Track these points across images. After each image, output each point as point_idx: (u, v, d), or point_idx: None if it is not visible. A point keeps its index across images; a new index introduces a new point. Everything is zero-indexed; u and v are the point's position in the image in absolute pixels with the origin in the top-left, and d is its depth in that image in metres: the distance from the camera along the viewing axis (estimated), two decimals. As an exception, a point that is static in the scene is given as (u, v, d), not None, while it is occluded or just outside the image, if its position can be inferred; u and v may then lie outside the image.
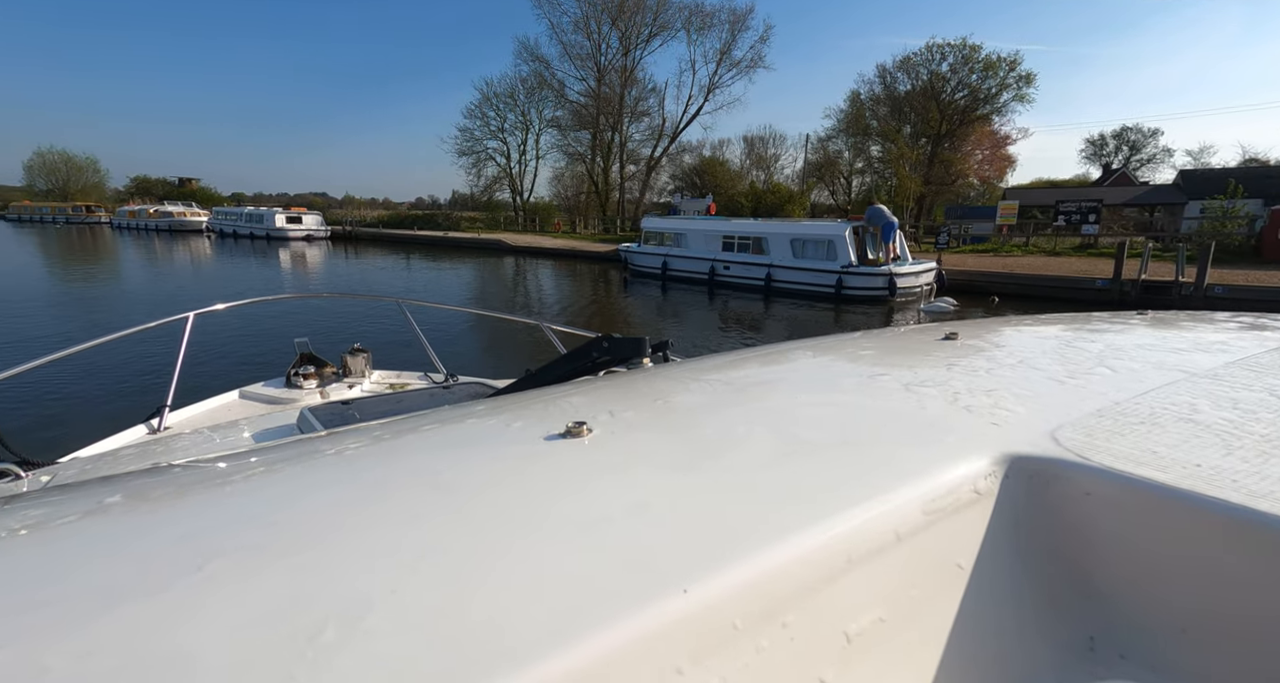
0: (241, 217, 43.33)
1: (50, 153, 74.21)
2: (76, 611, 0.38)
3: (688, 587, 0.39)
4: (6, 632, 0.36)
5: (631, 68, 43.80)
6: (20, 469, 1.47)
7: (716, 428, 0.71)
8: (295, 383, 2.65)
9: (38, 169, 73.62)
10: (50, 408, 6.08)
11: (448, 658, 0.34)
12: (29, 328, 11.09)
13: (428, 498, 0.54)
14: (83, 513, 0.54)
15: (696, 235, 19.67)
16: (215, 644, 0.34)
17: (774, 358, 1.11)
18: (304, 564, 0.43)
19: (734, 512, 0.49)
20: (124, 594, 0.39)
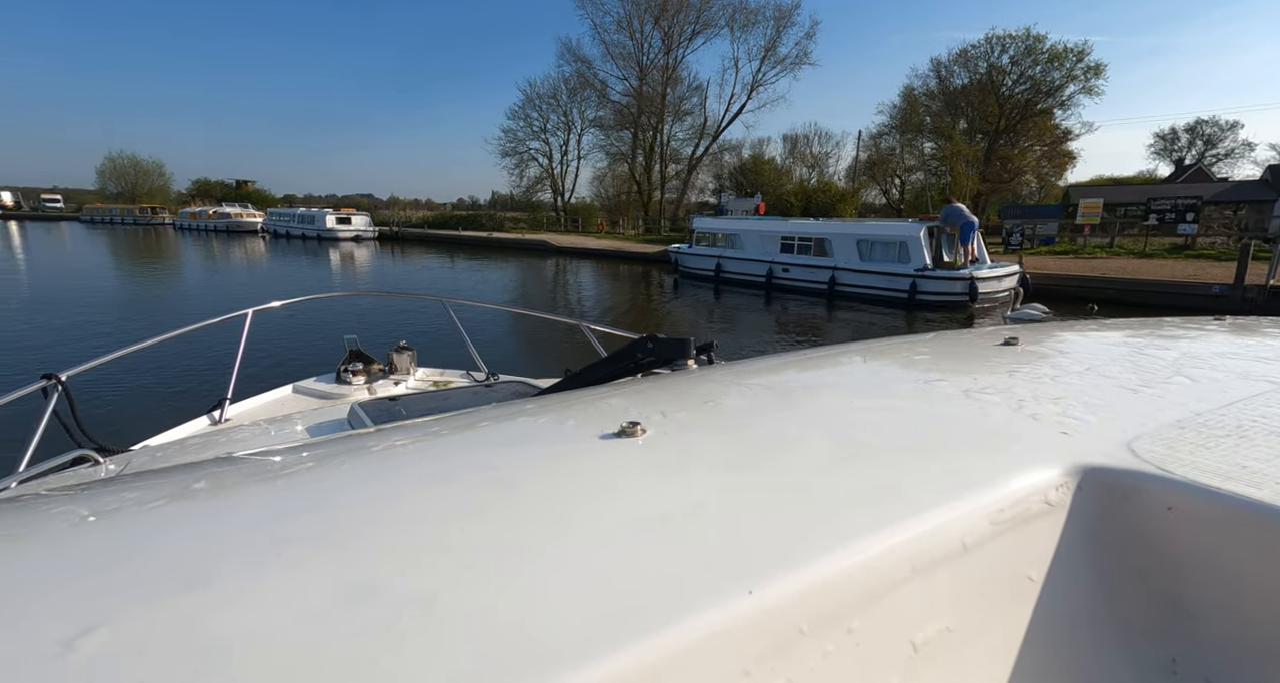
0: (294, 218, 44.11)
1: (120, 158, 77.69)
2: (169, 587, 0.40)
3: (752, 588, 0.39)
4: (111, 606, 0.38)
5: (673, 66, 43.03)
6: (99, 455, 1.56)
7: (769, 430, 0.70)
8: (345, 378, 2.69)
9: (109, 173, 77.10)
10: (123, 398, 6.18)
11: (518, 649, 0.34)
12: (105, 324, 11.61)
13: (489, 493, 0.55)
14: (169, 497, 0.59)
15: (752, 236, 18.64)
16: (299, 625, 0.36)
17: (822, 361, 1.08)
18: (376, 553, 0.44)
19: (794, 514, 0.49)
20: (214, 574, 0.42)
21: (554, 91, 46.51)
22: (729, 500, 0.51)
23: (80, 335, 10.37)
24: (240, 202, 64.74)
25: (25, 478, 1.46)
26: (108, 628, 0.35)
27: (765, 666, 0.37)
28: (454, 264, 27.57)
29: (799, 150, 47.61)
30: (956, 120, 36.14)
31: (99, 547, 0.47)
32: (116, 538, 0.49)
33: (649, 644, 0.34)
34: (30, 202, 76.81)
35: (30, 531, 0.52)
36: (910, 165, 39.60)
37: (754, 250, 18.44)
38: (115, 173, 76.45)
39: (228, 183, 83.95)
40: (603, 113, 45.67)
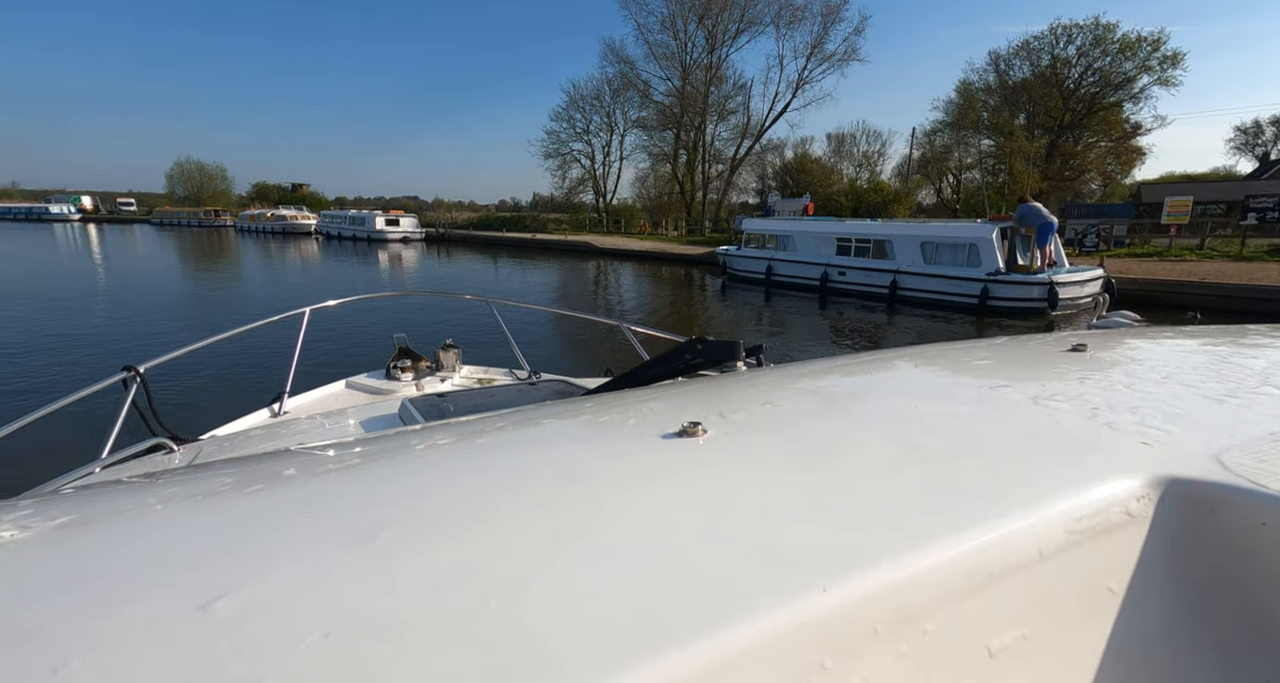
0: (346, 220, 45.26)
1: (187, 163, 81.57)
2: (282, 562, 0.44)
3: (827, 586, 0.39)
4: (236, 576, 0.42)
5: (717, 66, 42.25)
6: (173, 443, 1.67)
7: (830, 433, 0.70)
8: (394, 375, 2.74)
9: (176, 177, 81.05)
10: (191, 390, 6.38)
11: (603, 632, 0.35)
12: (173, 320, 12.36)
13: (562, 487, 0.57)
14: (263, 483, 0.63)
15: (806, 237, 17.85)
16: (404, 600, 0.39)
17: (877, 365, 1.07)
18: (464, 541, 0.46)
19: (864, 516, 0.49)
20: (316, 552, 0.45)
21: (597, 92, 46.48)
22: (796, 501, 0.52)
23: (156, 331, 10.94)
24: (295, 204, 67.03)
25: (108, 464, 1.52)
26: (237, 594, 0.39)
27: (842, 664, 0.37)
28: (497, 265, 27.63)
29: (845, 149, 46.12)
30: (1015, 116, 34.26)
31: (214, 525, 0.52)
32: (227, 518, 0.53)
33: (728, 635, 0.35)
34: (107, 205, 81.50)
35: (144, 510, 0.57)
36: (967, 163, 37.82)
37: (807, 252, 17.65)
38: (182, 177, 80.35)
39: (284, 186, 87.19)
40: (645, 113, 45.36)
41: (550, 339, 10.44)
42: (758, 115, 43.10)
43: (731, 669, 0.34)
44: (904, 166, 44.61)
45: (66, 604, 0.39)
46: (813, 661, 0.36)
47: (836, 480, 0.56)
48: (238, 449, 1.66)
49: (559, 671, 0.33)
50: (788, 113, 41.59)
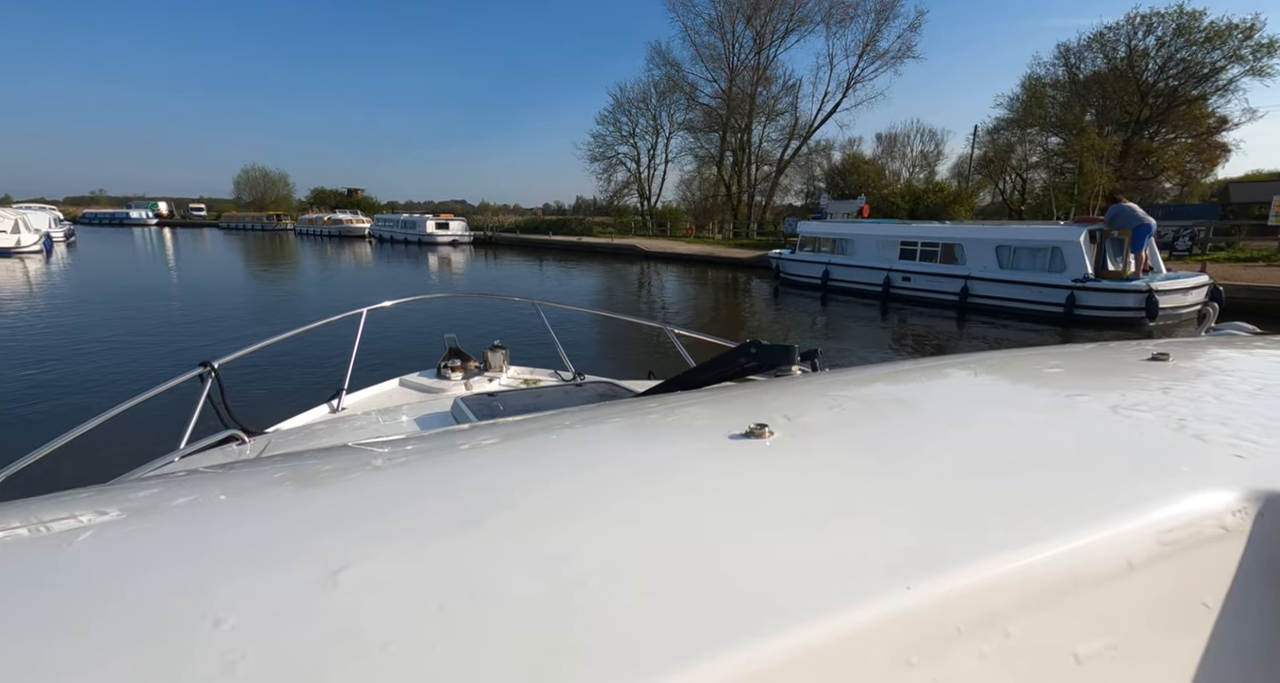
0: (398, 223, 46.24)
1: (252, 170, 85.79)
2: (398, 538, 0.48)
3: (911, 585, 0.40)
4: (362, 550, 0.46)
5: (764, 66, 41.34)
6: (245, 435, 1.74)
7: (899, 437, 0.70)
8: (444, 374, 2.80)
9: (243, 184, 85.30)
10: (254, 385, 6.50)
11: (694, 619, 0.37)
12: (238, 317, 13.19)
13: (640, 481, 0.59)
14: (363, 469, 0.67)
15: (867, 241, 16.94)
16: (511, 581, 0.41)
17: (942, 371, 1.06)
18: (555, 528, 0.49)
19: (943, 519, 0.49)
20: (427, 533, 0.49)
21: (643, 95, 46.24)
22: (871, 502, 0.52)
23: (228, 328, 11.64)
24: (351, 208, 69.20)
25: (187, 453, 1.59)
26: (358, 567, 0.43)
27: (927, 661, 0.38)
28: (542, 268, 27.57)
29: (898, 149, 44.32)
30: (1084, 111, 32.13)
31: (320, 507, 0.56)
32: (331, 502, 0.58)
33: (811, 628, 0.36)
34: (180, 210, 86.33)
35: (258, 492, 0.61)
36: (1032, 162, 35.73)
37: (868, 256, 16.74)
38: (248, 183, 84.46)
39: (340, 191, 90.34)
40: (691, 115, 44.82)
41: (593, 341, 10.45)
42: (806, 116, 42.04)
43: (818, 661, 0.35)
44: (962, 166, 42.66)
45: (213, 570, 0.43)
46: (898, 657, 0.37)
47: (912, 484, 0.56)
48: (302, 443, 1.69)
49: (659, 651, 0.34)
50: (837, 113, 40.39)
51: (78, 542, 0.48)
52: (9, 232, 25.64)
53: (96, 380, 7.67)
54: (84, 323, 11.67)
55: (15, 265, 22.44)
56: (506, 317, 10.43)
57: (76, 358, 8.77)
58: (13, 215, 26.42)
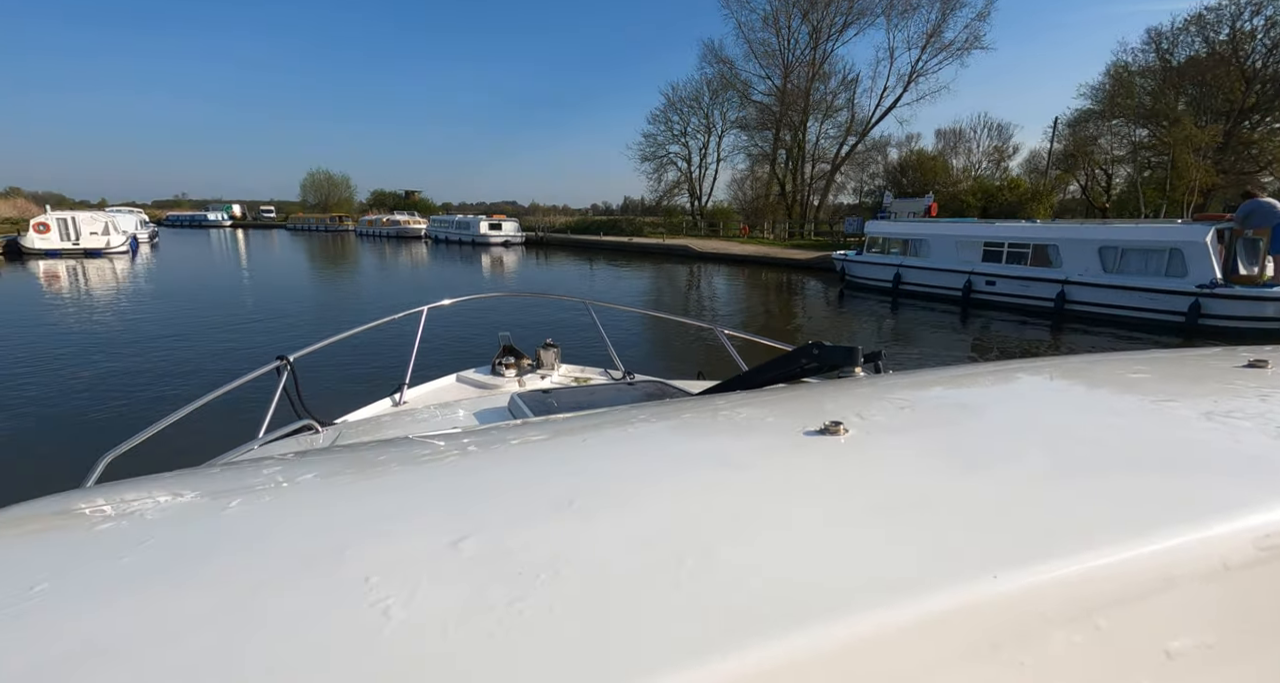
0: (452, 224, 47.00)
1: (317, 173, 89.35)
2: (505, 517, 0.51)
3: (997, 574, 0.41)
4: (474, 524, 0.49)
5: (820, 61, 39.79)
6: (318, 425, 1.83)
7: (978, 438, 0.70)
8: (499, 371, 2.87)
9: (309, 186, 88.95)
10: (320, 379, 6.47)
11: (788, 595, 0.39)
12: (305, 314, 13.88)
13: (721, 473, 0.60)
14: (462, 453, 0.70)
15: (944, 241, 15.67)
16: (612, 557, 0.44)
17: (1018, 374, 1.04)
18: (646, 512, 0.52)
19: (1029, 515, 0.49)
20: (529, 514, 0.52)
21: (695, 94, 45.43)
22: (955, 499, 0.52)
23: (296, 325, 12.22)
24: (408, 210, 71.10)
25: (266, 441, 1.68)
26: (475, 538, 0.47)
27: (1014, 646, 0.39)
28: (593, 269, 27.20)
29: (962, 144, 41.79)
30: (1178, 100, 29.30)
31: (430, 488, 0.60)
32: (437, 483, 0.62)
33: (899, 609, 0.38)
34: (252, 212, 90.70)
35: (366, 474, 0.65)
36: (1117, 155, 32.95)
37: (946, 258, 15.49)
38: (313, 186, 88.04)
39: (398, 193, 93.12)
40: (745, 113, 43.67)
41: (643, 341, 10.53)
42: (863, 112, 40.22)
43: (904, 641, 0.37)
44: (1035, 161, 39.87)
45: (348, 537, 0.48)
46: (983, 640, 0.38)
47: (995, 483, 0.56)
48: (370, 434, 1.76)
49: (760, 626, 0.37)
50: (897, 108, 38.42)
51: (229, 510, 0.54)
52: (100, 233, 27.17)
53: (177, 371, 8.19)
54: (166, 318, 12.40)
55: (105, 265, 23.72)
56: (557, 315, 10.57)
57: (160, 351, 9.33)
58: (104, 219, 28.00)
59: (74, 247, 26.34)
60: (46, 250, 25.71)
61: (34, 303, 14.56)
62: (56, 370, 8.09)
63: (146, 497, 0.58)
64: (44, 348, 9.45)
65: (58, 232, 26.34)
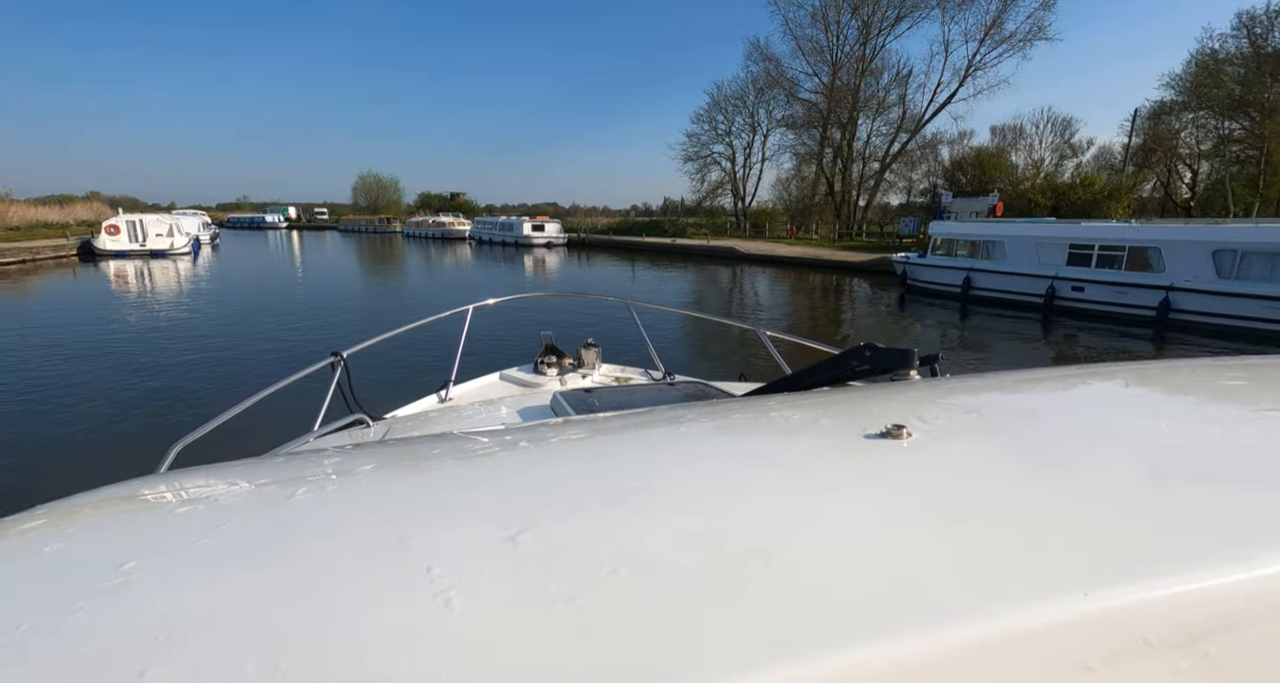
0: (496, 226, 47.27)
1: (367, 176, 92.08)
2: (556, 512, 0.51)
3: (1088, 592, 0.38)
4: (531, 516, 0.49)
5: (871, 57, 38.17)
6: (369, 419, 1.86)
7: (1056, 444, 0.65)
8: (541, 370, 2.86)
9: (359, 189, 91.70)
10: (369, 374, 6.70)
11: (858, 603, 0.37)
12: (355, 313, 14.52)
13: (776, 474, 0.59)
14: (514, 449, 0.71)
15: (1022, 243, 14.38)
16: (672, 554, 0.43)
17: (1088, 379, 0.98)
18: (703, 510, 0.50)
19: (1124, 528, 0.46)
20: (582, 507, 0.51)
21: (740, 92, 44.35)
22: (1034, 507, 0.49)
23: (348, 322, 12.61)
24: (453, 211, 72.23)
25: (320, 434, 1.72)
26: (533, 532, 0.46)
27: (1109, 668, 0.36)
28: (634, 271, 26.65)
29: (1023, 141, 39.30)
30: (1269, 89, 26.65)
31: (485, 479, 0.61)
32: (493, 476, 0.62)
33: (983, 623, 0.36)
34: (306, 214, 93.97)
35: (422, 467, 0.67)
36: (1203, 150, 30.33)
37: (1024, 261, 14.20)
38: (363, 188, 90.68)
39: (444, 195, 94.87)
40: (791, 111, 42.33)
41: (683, 342, 10.47)
42: (915, 108, 38.33)
43: (986, 660, 0.35)
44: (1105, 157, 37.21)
45: (413, 527, 0.49)
46: (1076, 660, 0.36)
47: (1077, 493, 0.52)
48: (419, 429, 1.80)
49: (829, 636, 0.35)
50: (952, 103, 36.42)
51: (295, 498, 0.55)
52: (164, 235, 28.16)
53: (234, 367, 8.59)
54: (224, 317, 12.82)
55: (169, 265, 24.53)
56: (597, 315, 10.65)
57: (218, 347, 9.79)
58: (169, 221, 29.05)
59: (141, 248, 27.38)
60: (116, 251, 26.81)
61: (105, 302, 15.20)
62: (126, 364, 8.55)
63: (219, 484, 0.60)
64: (115, 343, 9.93)
65: (127, 234, 27.42)
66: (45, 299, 16.13)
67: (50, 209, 40.74)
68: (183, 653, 0.34)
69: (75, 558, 0.46)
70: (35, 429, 6.04)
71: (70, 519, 0.54)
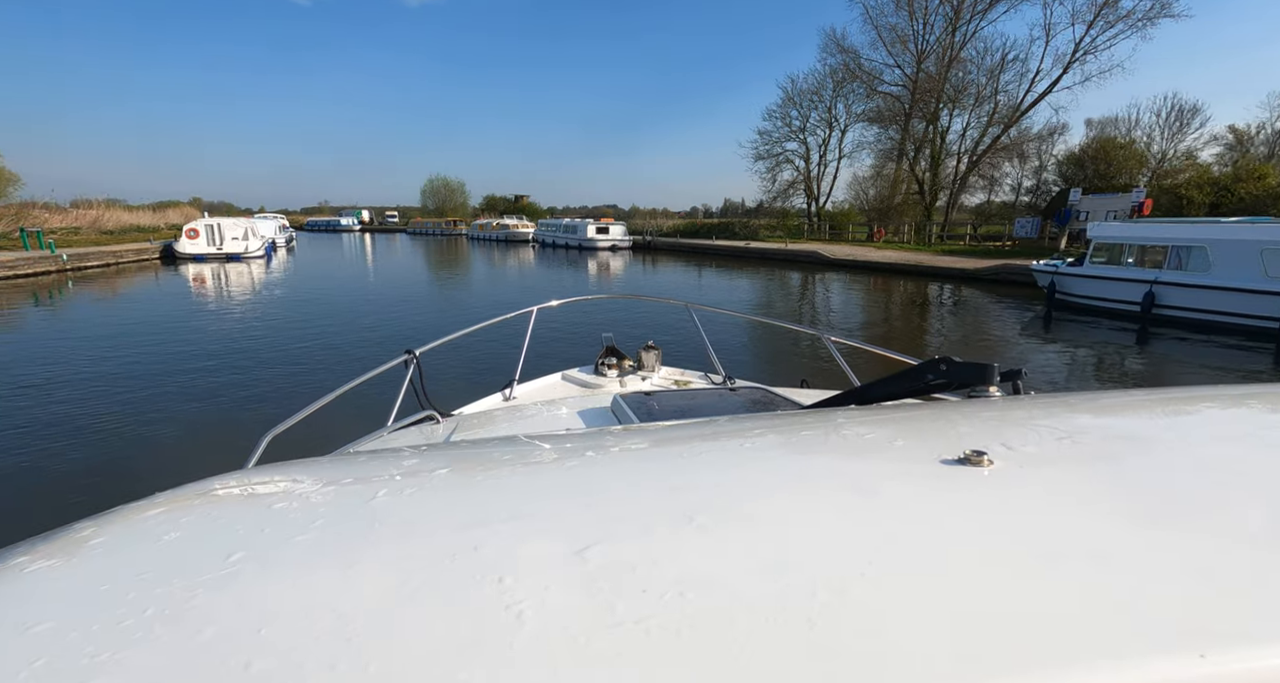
0: (559, 228, 45.81)
1: (436, 179, 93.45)
2: (629, 528, 0.50)
3: (1205, 653, 0.34)
4: (599, 532, 0.49)
5: (961, 45, 34.08)
6: (439, 416, 1.92)
7: (1164, 477, 0.59)
8: (601, 371, 2.85)
9: (428, 192, 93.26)
10: (436, 372, 6.01)
11: (944, 651, 0.34)
12: (424, 312, 15.06)
13: (848, 498, 0.56)
14: (582, 457, 0.70)
15: (1239, 251, 10.94)
16: (739, 580, 0.42)
17: (1201, 403, 0.87)
18: (773, 534, 0.48)
19: (1242, 582, 0.41)
20: (652, 525, 0.50)
21: (817, 86, 40.94)
22: (1137, 552, 0.45)
23: (422, 322, 13.01)
24: (517, 214, 71.88)
25: (394, 429, 1.76)
26: (598, 548, 0.46)
27: None
28: (701, 276, 24.23)
29: (1138, 131, 33.88)
30: None
31: (556, 487, 0.62)
32: (563, 484, 0.63)
33: (1078, 680, 0.32)
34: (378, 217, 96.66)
35: (490, 471, 0.68)
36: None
37: (1242, 273, 10.79)
38: (432, 191, 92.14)
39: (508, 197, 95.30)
40: (873, 104, 38.58)
41: (743, 346, 10.17)
42: (1012, 99, 33.86)
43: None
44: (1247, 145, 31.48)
45: (486, 535, 0.49)
46: None
47: (1192, 538, 0.47)
48: (485, 427, 1.81)
49: (902, 675, 0.32)
50: (1055, 91, 31.72)
51: (378, 499, 0.57)
52: (240, 238, 28.00)
53: (308, 364, 8.87)
54: (295, 321, 12.62)
55: (243, 269, 24.12)
56: (657, 318, 10.48)
57: (291, 347, 10.00)
58: (244, 224, 28.92)
59: (217, 251, 27.31)
60: (194, 255, 26.82)
61: (177, 305, 15.02)
62: (203, 365, 8.79)
63: (310, 481, 0.63)
64: (196, 345, 10.20)
65: (205, 237, 27.42)
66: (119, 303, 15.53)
67: (144, 213, 42.38)
68: (280, 647, 0.36)
69: (191, 547, 0.49)
70: (131, 421, 6.36)
71: (186, 508, 0.56)
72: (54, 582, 0.44)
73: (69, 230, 30.90)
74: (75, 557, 0.48)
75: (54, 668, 0.34)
